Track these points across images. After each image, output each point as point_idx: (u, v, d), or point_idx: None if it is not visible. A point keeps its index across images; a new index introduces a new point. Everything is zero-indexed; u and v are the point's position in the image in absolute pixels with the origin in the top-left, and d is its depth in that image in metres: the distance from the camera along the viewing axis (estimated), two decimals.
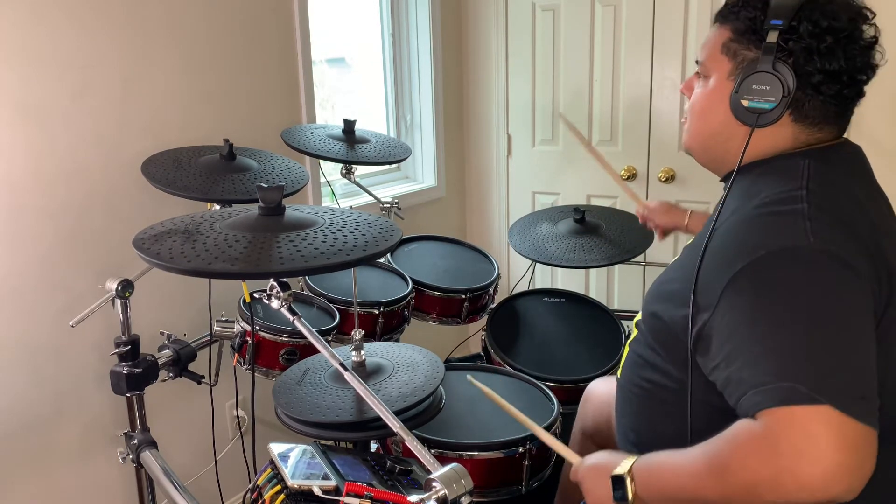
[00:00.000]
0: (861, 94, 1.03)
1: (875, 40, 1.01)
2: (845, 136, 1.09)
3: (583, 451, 1.52)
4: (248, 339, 1.61)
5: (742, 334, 0.88)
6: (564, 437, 1.64)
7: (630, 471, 0.99)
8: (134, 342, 1.52)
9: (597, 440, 1.55)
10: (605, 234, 2.12)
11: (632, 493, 0.98)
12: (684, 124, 1.16)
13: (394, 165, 2.92)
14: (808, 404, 0.79)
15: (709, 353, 0.94)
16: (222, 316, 1.72)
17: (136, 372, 1.51)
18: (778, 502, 0.81)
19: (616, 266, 2.72)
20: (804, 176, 0.97)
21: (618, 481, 0.99)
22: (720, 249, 0.96)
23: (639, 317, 1.18)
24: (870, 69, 1.01)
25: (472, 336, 2.53)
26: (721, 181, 1.14)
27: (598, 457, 1.09)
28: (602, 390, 1.56)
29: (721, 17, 1.08)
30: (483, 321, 2.12)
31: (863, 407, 0.81)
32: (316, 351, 1.20)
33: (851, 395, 0.80)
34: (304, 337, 1.20)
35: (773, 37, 0.98)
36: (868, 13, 1.01)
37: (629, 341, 1.20)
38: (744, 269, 0.90)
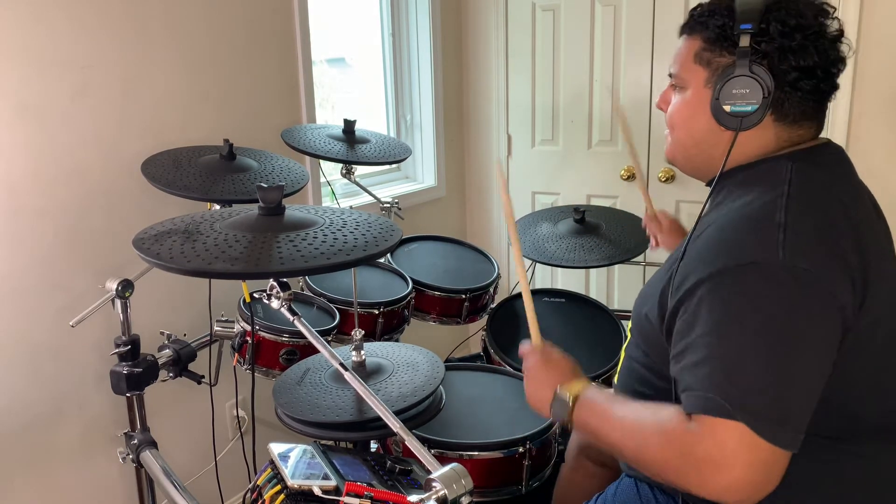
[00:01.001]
0: (835, 88, 1.04)
1: (841, 33, 1.02)
2: (827, 136, 1.10)
3: (578, 464, 1.53)
4: (248, 339, 1.61)
5: (693, 335, 0.92)
6: (564, 438, 1.65)
7: (577, 397, 1.06)
8: (134, 342, 1.52)
9: (592, 453, 1.55)
10: (605, 234, 2.12)
11: (568, 417, 1.06)
12: (667, 137, 1.17)
13: (394, 165, 2.92)
14: (727, 419, 0.85)
15: (670, 345, 0.99)
16: (222, 316, 1.72)
17: (136, 372, 1.51)
18: (676, 485, 0.91)
19: (616, 266, 2.72)
20: (786, 181, 0.98)
21: (560, 402, 1.08)
22: (702, 249, 0.97)
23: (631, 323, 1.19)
24: (840, 62, 1.03)
25: (472, 336, 2.54)
26: (706, 185, 1.14)
27: (556, 357, 1.17)
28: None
29: (688, 28, 1.09)
30: (483, 321, 2.11)
31: (780, 431, 0.85)
32: (316, 351, 1.20)
33: (772, 419, 0.85)
34: (304, 337, 1.20)
35: (745, 41, 1.00)
36: (829, 8, 1.03)
37: (624, 346, 1.21)
38: (712, 274, 0.92)
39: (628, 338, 1.19)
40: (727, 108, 1.02)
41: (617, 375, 1.23)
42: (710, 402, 0.87)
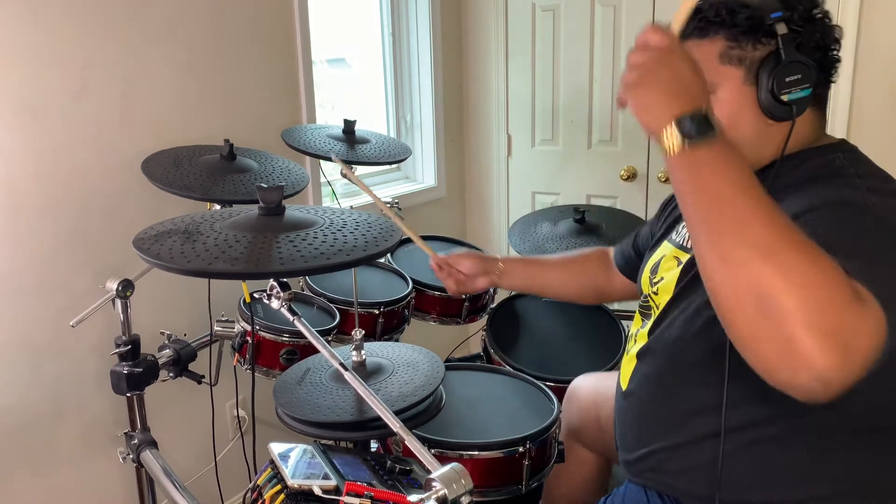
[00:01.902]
0: (837, 62, 1.05)
1: (828, 14, 1.04)
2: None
3: (569, 452, 1.52)
4: (249, 339, 1.61)
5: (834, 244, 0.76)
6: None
7: (719, 132, 0.76)
8: (134, 342, 1.52)
9: (583, 440, 1.55)
10: (605, 234, 2.12)
11: (703, 140, 0.75)
12: None
13: (394, 165, 2.92)
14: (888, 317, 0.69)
15: None
16: (222, 316, 1.72)
17: (136, 372, 1.51)
18: (779, 333, 0.67)
19: None
20: (846, 165, 0.99)
21: (701, 121, 0.75)
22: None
23: (641, 329, 1.17)
24: (839, 43, 1.04)
25: (472, 336, 2.53)
26: None
27: (676, 63, 0.82)
28: (587, 386, 1.55)
29: (699, 31, 1.04)
30: (483, 321, 2.11)
31: None
32: (316, 351, 1.20)
33: None
34: (304, 337, 1.20)
35: (782, 28, 0.97)
36: None
37: (635, 352, 1.19)
38: (810, 209, 0.89)
39: (643, 341, 1.18)
40: (784, 97, 0.98)
41: (626, 381, 1.22)
42: (873, 285, 0.71)
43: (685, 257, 1.17)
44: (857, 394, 0.70)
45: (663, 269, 1.23)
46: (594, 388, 1.55)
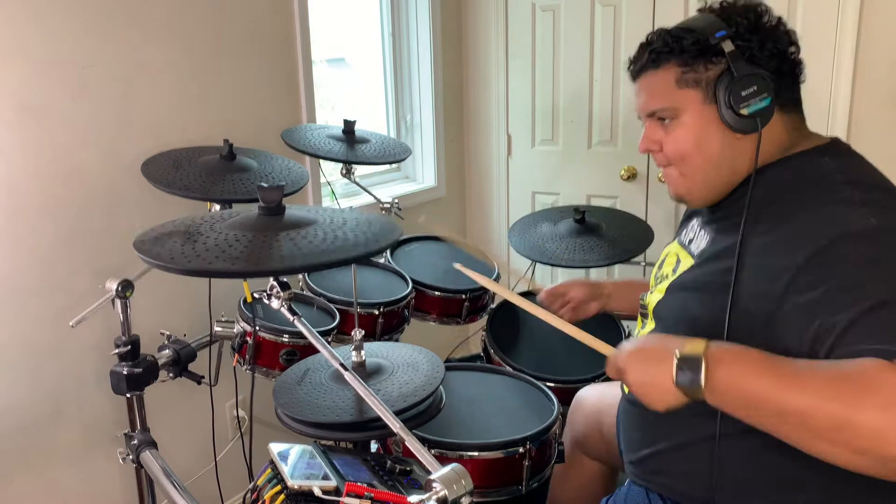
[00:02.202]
0: (799, 64, 1.07)
1: (779, 18, 1.06)
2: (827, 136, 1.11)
3: (573, 462, 1.52)
4: (249, 339, 1.61)
5: (836, 305, 0.84)
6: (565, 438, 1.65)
7: (706, 351, 0.86)
8: (134, 342, 1.52)
9: (588, 449, 1.55)
10: (605, 234, 2.12)
11: (705, 378, 0.85)
12: (667, 176, 1.16)
13: (394, 165, 2.92)
14: None
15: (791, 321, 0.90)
16: (222, 316, 1.72)
17: (136, 372, 1.51)
18: (855, 448, 0.77)
19: (616, 266, 2.72)
20: (833, 170, 0.99)
21: (689, 362, 0.86)
22: (779, 240, 0.94)
23: (650, 325, 1.17)
24: (795, 43, 1.06)
25: (472, 336, 2.53)
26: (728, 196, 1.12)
27: (648, 339, 0.98)
28: (592, 397, 1.55)
29: (652, 63, 1.08)
30: (483, 321, 2.11)
31: None
32: (316, 351, 1.20)
33: None
34: (304, 337, 1.20)
35: (728, 45, 1.01)
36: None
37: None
38: (818, 251, 0.88)
39: (649, 328, 1.18)
40: (744, 111, 1.01)
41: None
42: None
43: (686, 256, 1.17)
44: None
45: (666, 266, 1.23)
46: (598, 397, 1.55)
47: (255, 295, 1.62)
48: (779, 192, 1.01)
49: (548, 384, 1.72)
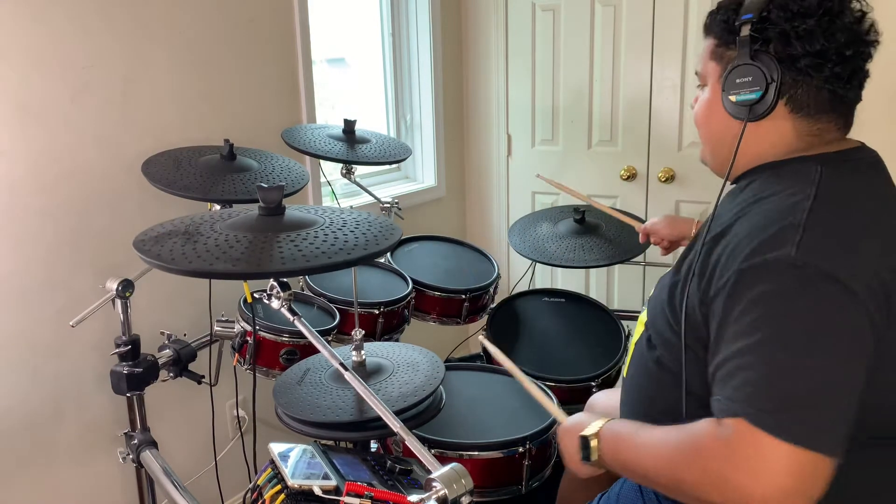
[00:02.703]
0: (857, 73, 1.02)
1: (862, 14, 1.01)
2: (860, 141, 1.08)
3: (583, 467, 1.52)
4: (249, 339, 1.61)
5: (724, 339, 0.91)
6: None
7: (597, 433, 1.05)
8: (134, 342, 1.52)
9: None
10: (605, 234, 2.12)
11: (596, 455, 1.04)
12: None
13: (394, 165, 2.92)
14: (766, 431, 0.82)
15: (708, 334, 0.96)
16: (222, 316, 1.72)
17: (136, 372, 1.51)
18: (718, 501, 0.86)
19: (616, 266, 2.72)
20: (815, 183, 0.96)
21: (584, 442, 1.05)
22: (729, 247, 0.95)
23: (643, 317, 1.18)
24: (861, 44, 1.01)
25: (472, 336, 2.54)
26: (732, 184, 1.13)
27: (576, 417, 1.15)
28: (603, 403, 1.55)
29: (706, 28, 1.12)
30: (483, 321, 2.12)
31: (820, 435, 0.82)
32: (316, 351, 1.20)
33: (810, 427, 0.82)
34: (304, 337, 1.21)
35: (745, 30, 1.00)
36: None
37: (634, 340, 1.20)
38: (735, 273, 0.91)
39: (639, 332, 1.18)
40: (733, 98, 1.02)
41: (626, 368, 1.22)
42: (748, 412, 0.84)
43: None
44: None
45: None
46: (609, 402, 1.55)
47: (256, 295, 1.62)
48: (768, 195, 1.00)
49: (548, 384, 1.73)
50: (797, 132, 1.03)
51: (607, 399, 1.56)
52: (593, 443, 1.04)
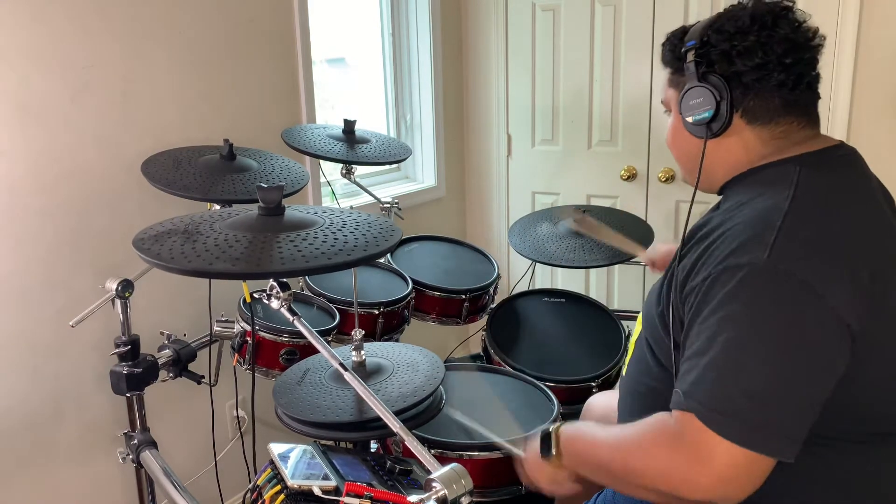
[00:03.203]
0: (803, 77, 1.04)
1: (799, 23, 1.04)
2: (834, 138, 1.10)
3: None
4: (248, 339, 1.61)
5: (691, 334, 0.95)
6: None
7: (557, 430, 1.11)
8: (134, 342, 1.52)
9: None
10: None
11: (555, 450, 1.10)
12: None
13: (394, 165, 2.92)
14: (712, 429, 0.87)
15: (670, 340, 1.03)
16: (222, 316, 1.72)
17: (136, 372, 1.51)
18: (663, 491, 0.92)
19: (616, 266, 2.72)
20: (793, 184, 0.99)
21: (545, 438, 1.12)
22: (706, 250, 0.98)
23: (641, 317, 1.19)
24: (801, 50, 1.03)
25: (472, 336, 2.53)
26: (718, 194, 1.17)
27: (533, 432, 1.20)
28: (601, 404, 1.56)
29: (662, 59, 1.19)
30: (483, 321, 2.12)
31: (762, 437, 0.86)
32: (316, 351, 1.20)
33: (754, 426, 0.86)
34: (304, 337, 1.20)
35: (690, 56, 1.07)
36: (777, 7, 1.05)
37: (634, 338, 1.21)
38: (710, 275, 0.94)
39: (638, 331, 1.19)
40: (689, 119, 1.08)
41: (625, 367, 1.23)
42: (698, 408, 0.89)
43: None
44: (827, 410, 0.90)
45: None
46: (608, 403, 1.56)
47: (255, 295, 1.62)
48: (741, 202, 1.03)
49: (548, 384, 1.72)
50: (761, 139, 1.07)
51: (605, 401, 1.56)
52: (554, 437, 1.10)
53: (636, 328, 1.21)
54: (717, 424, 0.87)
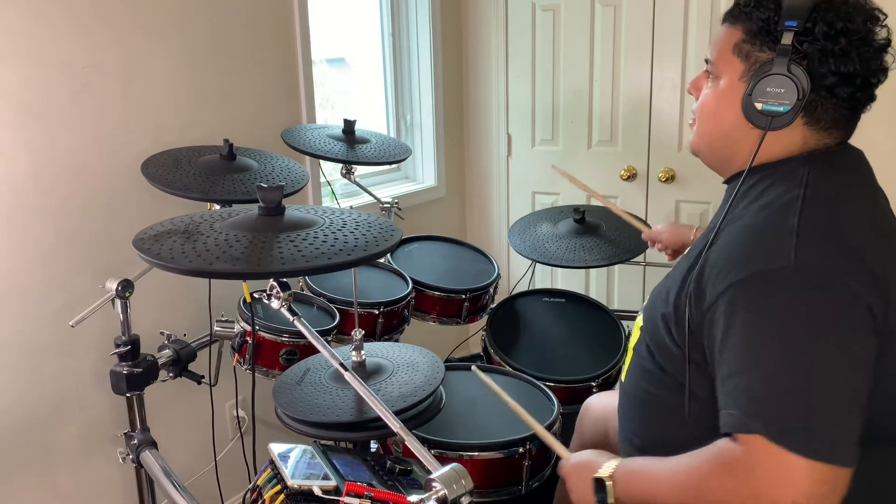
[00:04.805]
0: (872, 98, 1.01)
1: (888, 42, 0.99)
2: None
3: None
4: (248, 339, 1.61)
5: (730, 349, 0.90)
6: (564, 439, 1.65)
7: (612, 474, 1.02)
8: (134, 342, 1.52)
9: None
10: (605, 234, 2.12)
11: (612, 498, 1.02)
12: (692, 125, 1.14)
13: (394, 165, 2.92)
14: (785, 448, 0.83)
15: (676, 346, 1.00)
16: (222, 316, 1.72)
17: (136, 372, 1.51)
18: None
19: (616, 266, 2.72)
20: (803, 184, 0.97)
21: (599, 484, 1.03)
22: (723, 256, 0.96)
23: (639, 321, 1.18)
24: (882, 72, 1.00)
25: (472, 336, 2.54)
26: (724, 182, 1.13)
27: (585, 455, 1.12)
28: (599, 405, 1.55)
29: (731, 16, 1.06)
30: (483, 321, 2.12)
31: (838, 449, 0.83)
32: (316, 351, 1.20)
33: (827, 442, 0.83)
34: (304, 337, 1.20)
35: (787, 38, 0.97)
36: (880, 15, 0.99)
37: (633, 345, 1.20)
38: (735, 284, 0.91)
39: (636, 336, 1.19)
40: (759, 105, 0.99)
41: (624, 373, 1.22)
42: (760, 425, 0.85)
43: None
44: None
45: None
46: (605, 405, 1.56)
47: (255, 295, 1.62)
48: (750, 201, 1.01)
49: (548, 384, 1.73)
50: (804, 141, 1.02)
51: (603, 401, 1.56)
52: (608, 483, 1.02)
53: (634, 333, 1.21)
54: (791, 443, 0.82)
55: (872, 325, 0.88)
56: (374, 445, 1.63)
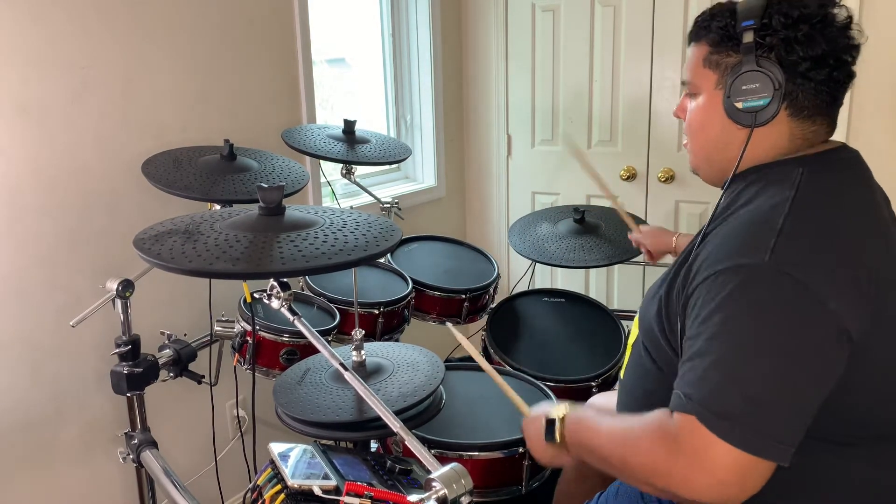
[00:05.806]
0: (851, 76, 1.03)
1: (850, 20, 1.01)
2: (843, 141, 1.09)
3: (579, 468, 1.52)
4: (249, 339, 1.62)
5: (691, 334, 0.94)
6: None
7: (563, 417, 1.11)
8: (134, 342, 1.52)
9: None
10: (604, 234, 2.12)
11: (559, 436, 1.10)
12: (686, 146, 1.17)
13: (394, 165, 2.92)
14: (713, 433, 0.86)
15: (667, 343, 1.04)
16: (223, 316, 1.72)
17: (136, 372, 1.51)
18: (662, 489, 0.92)
19: (616, 266, 2.72)
20: (795, 185, 0.98)
21: (550, 424, 1.11)
22: (709, 251, 0.98)
23: (636, 328, 1.19)
24: (853, 49, 1.01)
25: (472, 336, 2.54)
26: (721, 188, 1.14)
27: (541, 406, 1.20)
28: (600, 404, 1.56)
29: (694, 35, 1.10)
30: (483, 321, 2.12)
31: (762, 441, 0.86)
32: (316, 351, 1.20)
33: (755, 430, 0.86)
34: (304, 337, 1.21)
35: (748, 37, 1.00)
36: None
37: (631, 341, 1.21)
38: (712, 275, 0.93)
39: (635, 333, 1.19)
40: (739, 104, 1.02)
41: (623, 370, 1.23)
42: (698, 410, 0.88)
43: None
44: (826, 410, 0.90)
45: None
46: (607, 404, 1.56)
47: (255, 295, 1.62)
48: (742, 202, 1.02)
49: (548, 384, 1.73)
50: (791, 135, 1.04)
51: (606, 402, 1.56)
52: (558, 424, 1.10)
53: (633, 331, 1.21)
54: (718, 428, 0.86)
55: (836, 339, 0.89)
56: (374, 445, 1.63)
